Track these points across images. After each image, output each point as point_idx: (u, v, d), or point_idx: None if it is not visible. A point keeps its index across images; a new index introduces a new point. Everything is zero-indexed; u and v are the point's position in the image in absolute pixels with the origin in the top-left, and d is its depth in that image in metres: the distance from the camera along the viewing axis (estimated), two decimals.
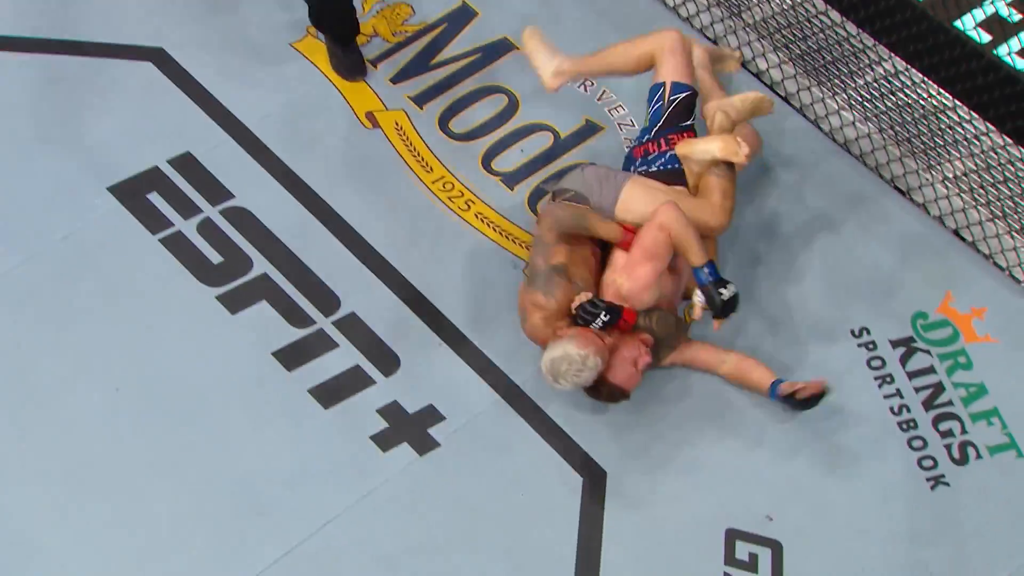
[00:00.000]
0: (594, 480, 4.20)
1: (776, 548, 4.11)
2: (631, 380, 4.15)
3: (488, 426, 4.29)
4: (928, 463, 4.24)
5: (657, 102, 4.34)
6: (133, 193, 4.63)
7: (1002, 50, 4.67)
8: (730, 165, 4.24)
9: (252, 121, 4.80)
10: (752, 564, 4.09)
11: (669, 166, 4.30)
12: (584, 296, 4.13)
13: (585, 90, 4.89)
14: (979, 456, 4.24)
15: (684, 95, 4.31)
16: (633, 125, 4.80)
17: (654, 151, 4.34)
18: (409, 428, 4.28)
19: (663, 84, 4.32)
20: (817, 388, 4.19)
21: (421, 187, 4.72)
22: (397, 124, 4.84)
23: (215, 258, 4.54)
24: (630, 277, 4.13)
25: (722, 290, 4.08)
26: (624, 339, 4.15)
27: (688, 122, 4.32)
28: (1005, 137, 4.45)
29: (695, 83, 4.33)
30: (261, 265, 4.54)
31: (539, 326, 4.19)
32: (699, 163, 4.24)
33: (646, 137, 4.35)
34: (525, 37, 4.58)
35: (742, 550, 4.11)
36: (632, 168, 4.37)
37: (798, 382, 4.19)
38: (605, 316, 4.10)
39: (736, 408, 4.32)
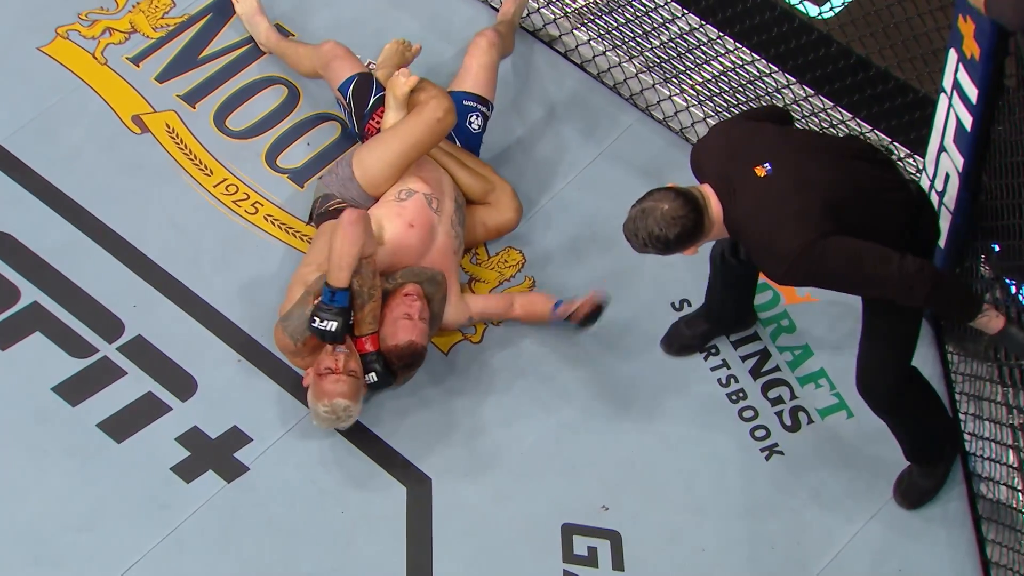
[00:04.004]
0: (418, 488, 4.24)
1: (615, 538, 4.18)
2: (412, 330, 4.24)
3: (299, 443, 4.30)
4: (761, 433, 4.35)
5: (343, 108, 4.68)
6: None
7: None
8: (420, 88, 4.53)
9: (3, 136, 4.73)
10: (592, 558, 4.15)
11: None
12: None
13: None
14: (811, 420, 4.38)
15: (352, 86, 4.64)
16: None
17: (375, 130, 4.61)
18: (213, 454, 4.26)
19: (336, 95, 4.69)
20: (592, 304, 4.41)
21: (202, 192, 4.68)
22: (168, 126, 4.79)
23: None
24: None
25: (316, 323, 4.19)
26: (389, 303, 4.27)
27: (371, 98, 4.63)
28: (807, 88, 4.59)
29: (356, 70, 4.68)
30: (30, 294, 4.47)
31: (298, 365, 4.35)
32: (402, 110, 4.54)
33: (364, 124, 4.62)
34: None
35: (580, 545, 4.16)
36: None
37: (575, 300, 4.41)
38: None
39: (557, 398, 4.38)
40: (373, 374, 4.24)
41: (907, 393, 4.00)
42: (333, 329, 4.16)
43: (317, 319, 4.16)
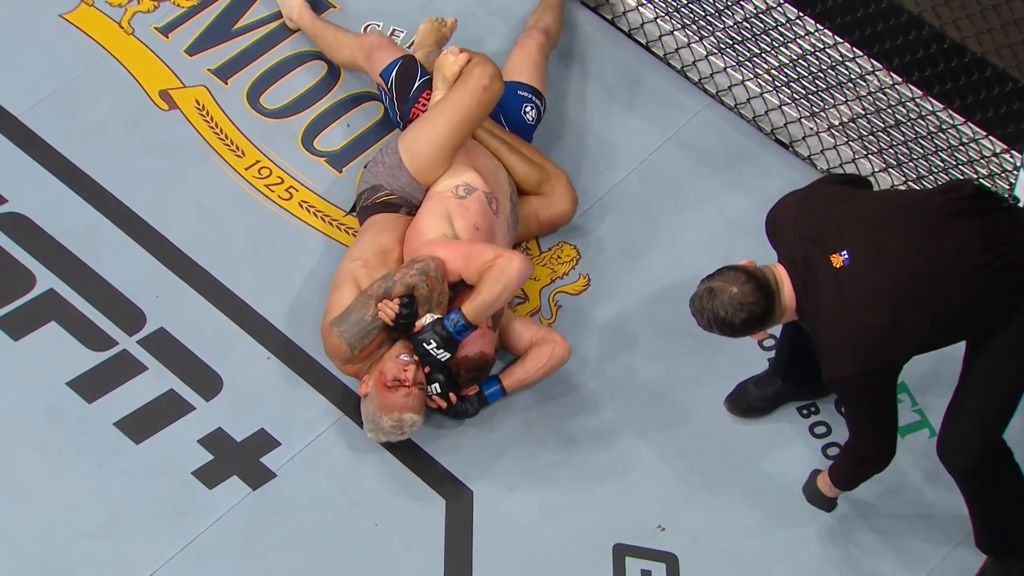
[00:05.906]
0: (458, 501, 4.23)
1: (671, 561, 4.15)
2: (482, 339, 4.25)
3: (331, 448, 4.29)
4: (834, 451, 4.30)
5: (385, 95, 4.68)
6: None
7: None
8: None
9: (21, 110, 4.75)
10: None
11: None
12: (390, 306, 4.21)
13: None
14: None
15: (395, 70, 4.65)
16: None
17: (420, 112, 4.60)
18: (238, 458, 4.26)
19: (378, 82, 4.70)
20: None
21: (232, 174, 4.70)
22: (198, 102, 4.81)
23: None
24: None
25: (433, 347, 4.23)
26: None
27: (415, 81, 4.64)
28: (893, 75, 4.55)
29: (399, 55, 4.70)
30: (46, 280, 4.48)
31: (348, 372, 4.33)
32: (449, 84, 4.55)
33: (410, 108, 4.62)
34: None
35: (633, 567, 4.14)
36: None
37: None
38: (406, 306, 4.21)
39: (611, 409, 4.36)
40: (437, 384, 4.22)
41: (994, 461, 3.92)
42: (444, 361, 4.18)
43: (433, 343, 4.15)
